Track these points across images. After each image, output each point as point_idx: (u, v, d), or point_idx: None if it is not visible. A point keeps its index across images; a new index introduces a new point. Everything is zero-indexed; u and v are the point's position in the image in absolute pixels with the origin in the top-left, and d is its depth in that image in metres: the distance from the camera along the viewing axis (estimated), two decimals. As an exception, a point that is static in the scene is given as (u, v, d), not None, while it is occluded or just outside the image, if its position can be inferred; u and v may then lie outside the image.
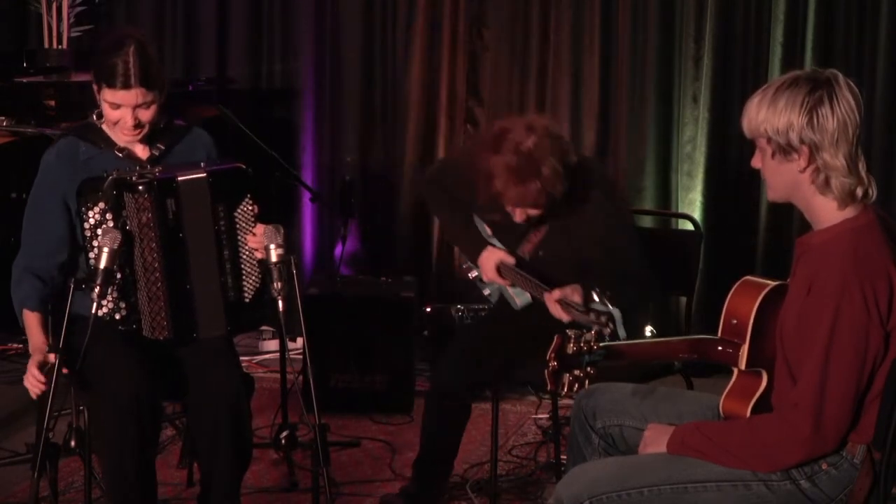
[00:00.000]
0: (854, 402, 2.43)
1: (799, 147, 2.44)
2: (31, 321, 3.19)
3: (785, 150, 2.46)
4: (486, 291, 3.80)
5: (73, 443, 3.57)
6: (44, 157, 3.28)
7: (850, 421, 2.44)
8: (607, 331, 2.90)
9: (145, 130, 3.20)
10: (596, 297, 3.00)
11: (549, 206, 3.37)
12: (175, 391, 3.24)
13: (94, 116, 3.29)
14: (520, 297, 3.60)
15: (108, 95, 3.14)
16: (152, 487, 3.14)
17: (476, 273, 3.71)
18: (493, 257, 3.57)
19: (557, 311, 3.28)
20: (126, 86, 3.11)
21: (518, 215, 3.41)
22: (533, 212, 3.38)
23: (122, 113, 3.15)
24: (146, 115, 3.16)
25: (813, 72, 2.48)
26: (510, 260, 3.54)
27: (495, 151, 3.30)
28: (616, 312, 2.92)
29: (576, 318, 3.17)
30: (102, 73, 3.14)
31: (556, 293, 3.27)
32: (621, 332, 2.94)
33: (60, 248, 3.22)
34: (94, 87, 3.20)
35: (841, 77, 2.46)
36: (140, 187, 3.09)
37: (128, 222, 3.10)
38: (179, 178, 3.15)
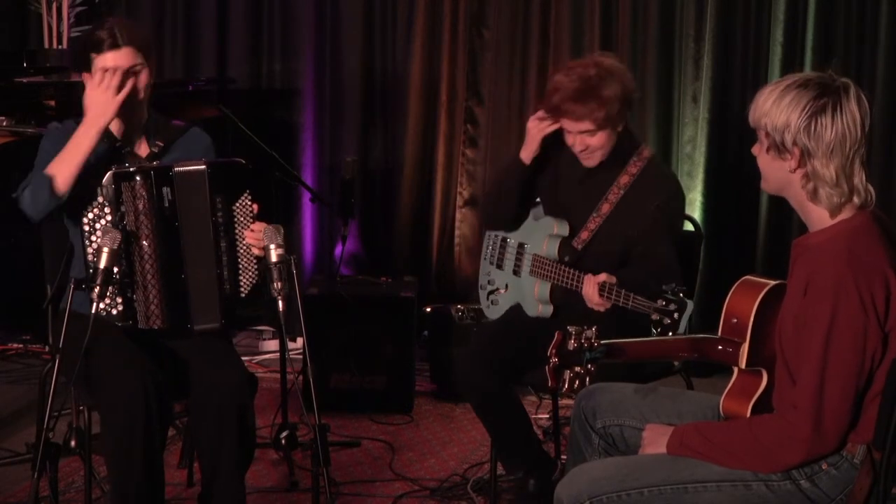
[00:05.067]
0: (853, 402, 2.43)
1: (791, 148, 2.45)
2: (58, 157, 3.09)
3: (779, 147, 2.47)
4: (498, 293, 3.74)
5: (73, 443, 3.58)
6: (52, 124, 3.29)
7: (849, 421, 2.44)
8: (667, 320, 2.89)
9: (142, 97, 3.20)
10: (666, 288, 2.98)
11: (609, 145, 3.41)
12: (177, 390, 3.24)
13: None
14: (539, 288, 3.53)
15: (98, 63, 3.14)
16: (161, 486, 3.13)
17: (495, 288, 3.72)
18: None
19: (594, 297, 3.26)
20: (115, 46, 3.13)
21: (578, 144, 3.41)
22: (591, 141, 3.38)
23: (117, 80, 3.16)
24: (142, 79, 3.18)
25: (828, 77, 2.47)
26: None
27: (561, 73, 3.40)
28: (690, 304, 2.91)
29: (624, 305, 3.15)
30: (88, 46, 3.15)
31: (602, 276, 3.25)
32: (682, 326, 2.92)
33: None
34: (84, 76, 3.19)
35: (853, 89, 2.46)
36: (137, 176, 3.12)
37: (125, 214, 3.12)
38: (176, 168, 3.17)
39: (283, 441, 3.30)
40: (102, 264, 2.96)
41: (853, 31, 4.91)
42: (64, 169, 3.09)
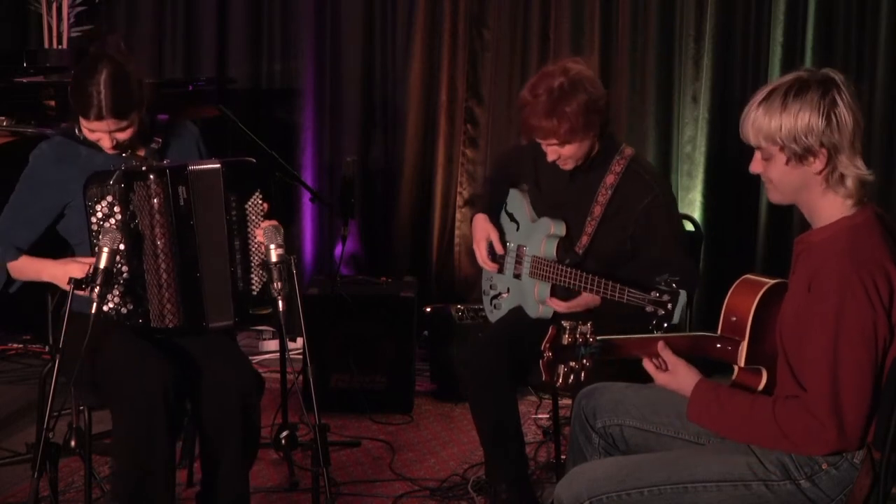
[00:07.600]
0: (871, 395, 2.41)
1: (818, 150, 2.45)
2: (26, 262, 3.21)
3: (801, 155, 2.46)
4: (500, 297, 3.74)
5: (73, 443, 3.58)
6: (40, 146, 3.27)
7: (869, 414, 2.42)
8: (661, 311, 2.91)
9: (126, 144, 3.21)
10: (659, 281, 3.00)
11: (581, 152, 3.43)
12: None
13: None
14: (539, 289, 3.52)
15: (82, 122, 3.17)
16: (173, 479, 3.15)
17: (496, 292, 3.73)
18: (486, 226, 3.65)
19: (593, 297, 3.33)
20: (98, 117, 3.12)
21: (550, 154, 3.44)
22: (562, 151, 3.41)
23: (99, 136, 3.18)
24: (123, 136, 3.19)
25: (812, 73, 2.48)
26: (496, 237, 3.63)
27: (527, 90, 3.42)
28: (682, 295, 2.93)
29: (620, 300, 3.18)
30: (76, 101, 3.15)
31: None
32: (677, 316, 2.93)
33: (38, 230, 3.24)
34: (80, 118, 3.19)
35: (838, 76, 2.47)
36: (151, 175, 3.13)
37: (136, 213, 3.12)
38: (191, 167, 3.19)
39: (283, 441, 3.30)
40: (102, 264, 2.96)
41: (853, 31, 4.91)
42: (22, 275, 3.22)
